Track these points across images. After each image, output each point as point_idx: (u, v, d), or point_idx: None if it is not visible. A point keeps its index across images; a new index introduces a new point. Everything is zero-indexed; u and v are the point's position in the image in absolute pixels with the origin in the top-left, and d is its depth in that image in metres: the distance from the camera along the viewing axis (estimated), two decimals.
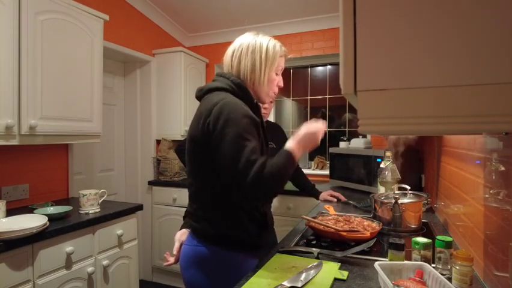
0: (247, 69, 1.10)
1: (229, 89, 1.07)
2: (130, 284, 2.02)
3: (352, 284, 0.91)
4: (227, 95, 1.04)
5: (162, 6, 2.99)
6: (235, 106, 0.99)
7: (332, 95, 3.20)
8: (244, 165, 0.91)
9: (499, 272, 0.81)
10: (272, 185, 0.94)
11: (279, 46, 1.15)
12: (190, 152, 1.09)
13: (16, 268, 1.38)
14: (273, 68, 1.13)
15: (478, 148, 1.01)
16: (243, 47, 1.11)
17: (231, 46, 1.16)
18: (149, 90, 3.04)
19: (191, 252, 1.08)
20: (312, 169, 3.10)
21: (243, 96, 1.08)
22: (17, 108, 1.62)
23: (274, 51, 1.12)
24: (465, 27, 0.48)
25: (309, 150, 1.11)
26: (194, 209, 1.11)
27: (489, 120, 0.48)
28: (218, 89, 1.08)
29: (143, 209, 2.18)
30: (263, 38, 1.13)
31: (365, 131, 0.55)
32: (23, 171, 1.97)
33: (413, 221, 1.40)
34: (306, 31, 3.08)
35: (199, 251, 1.06)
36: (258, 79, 1.11)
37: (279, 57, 1.14)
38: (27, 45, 1.65)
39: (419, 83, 0.50)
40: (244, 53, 1.10)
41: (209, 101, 1.04)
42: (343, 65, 0.56)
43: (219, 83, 1.10)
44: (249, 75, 1.10)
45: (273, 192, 1.00)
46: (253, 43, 1.11)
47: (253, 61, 1.10)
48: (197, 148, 1.04)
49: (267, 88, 1.14)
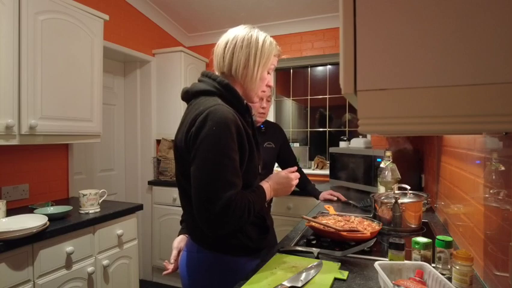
0: (240, 64, 1.03)
1: (217, 92, 1.00)
2: (130, 284, 2.02)
3: (352, 284, 0.91)
4: (215, 100, 0.97)
5: (162, 6, 2.99)
6: (220, 118, 0.90)
7: (332, 95, 3.20)
8: (213, 197, 0.86)
9: (499, 271, 0.81)
10: (236, 221, 0.90)
11: (275, 44, 1.10)
12: (175, 159, 1.03)
13: (16, 268, 1.38)
14: (267, 66, 1.07)
15: (478, 148, 1.01)
16: (238, 39, 1.04)
17: (223, 36, 1.08)
18: (149, 90, 3.04)
19: (191, 259, 1.05)
20: (312, 169, 3.10)
21: (232, 98, 1.02)
22: (17, 108, 1.62)
23: (270, 48, 1.07)
24: (465, 27, 0.48)
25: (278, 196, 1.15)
26: (190, 216, 1.05)
27: (489, 120, 0.48)
28: (205, 93, 1.01)
29: (143, 209, 2.18)
30: (259, 33, 1.07)
31: (365, 131, 0.55)
32: (23, 171, 1.97)
33: (413, 221, 1.40)
34: (306, 31, 3.08)
35: (200, 258, 1.02)
36: (250, 75, 1.04)
37: (273, 56, 1.09)
38: (27, 45, 1.65)
39: (419, 82, 0.50)
40: (239, 46, 1.03)
41: (195, 108, 0.97)
42: (343, 65, 0.56)
43: (206, 85, 1.03)
44: (241, 71, 1.04)
45: (235, 226, 0.93)
46: (249, 37, 1.04)
47: (247, 56, 1.03)
48: (180, 157, 0.99)
49: (257, 86, 1.08)
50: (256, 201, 0.98)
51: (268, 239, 1.13)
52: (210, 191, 0.87)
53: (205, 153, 0.89)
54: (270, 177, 1.11)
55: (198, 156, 0.89)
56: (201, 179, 0.89)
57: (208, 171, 0.88)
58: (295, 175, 1.14)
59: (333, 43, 2.99)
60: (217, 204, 0.86)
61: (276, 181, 1.10)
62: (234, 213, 0.88)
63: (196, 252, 1.03)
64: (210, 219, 0.88)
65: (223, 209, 0.86)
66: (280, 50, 1.12)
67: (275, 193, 1.10)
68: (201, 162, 0.89)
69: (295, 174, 1.14)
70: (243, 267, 1.02)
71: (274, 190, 1.09)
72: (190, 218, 1.05)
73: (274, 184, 1.09)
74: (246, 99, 1.09)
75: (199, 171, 0.89)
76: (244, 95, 1.08)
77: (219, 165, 0.88)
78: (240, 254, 1.03)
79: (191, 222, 1.05)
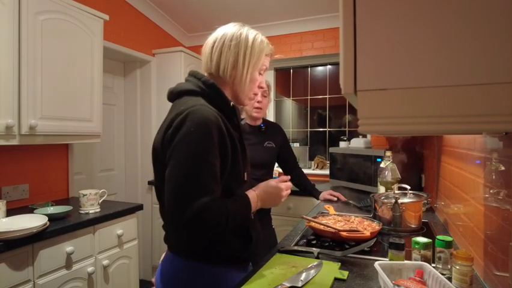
0: (228, 65, 0.96)
1: (200, 91, 0.94)
2: (130, 284, 2.02)
3: (352, 284, 0.91)
4: (198, 100, 0.90)
5: (162, 6, 2.99)
6: (200, 119, 0.83)
7: (332, 95, 3.20)
8: (184, 202, 0.79)
9: (499, 271, 0.81)
10: (208, 230, 0.83)
11: (266, 43, 1.02)
12: (153, 163, 0.95)
13: (16, 268, 1.38)
14: (257, 67, 1.00)
15: (478, 148, 1.01)
16: (226, 38, 0.97)
17: (212, 35, 1.01)
18: (149, 90, 3.04)
19: (165, 270, 0.96)
20: (312, 169, 3.10)
21: (217, 99, 0.94)
22: (17, 108, 1.62)
23: (261, 47, 0.99)
24: (465, 27, 0.48)
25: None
26: (165, 225, 0.98)
27: (489, 120, 0.48)
28: (189, 93, 0.95)
29: (143, 209, 2.18)
30: (250, 31, 0.99)
31: (365, 131, 0.55)
32: (23, 171, 1.97)
33: (413, 221, 1.40)
34: (306, 31, 3.08)
35: (175, 267, 0.94)
36: (239, 77, 0.97)
37: (264, 56, 1.01)
38: (27, 45, 1.65)
39: (420, 82, 0.50)
40: (227, 45, 0.96)
41: (176, 108, 0.91)
42: (343, 65, 0.56)
43: (190, 84, 0.97)
44: (229, 72, 0.97)
45: (209, 236, 0.86)
46: (238, 35, 0.97)
47: (235, 56, 0.96)
48: (156, 160, 0.92)
49: (247, 88, 1.00)
50: (237, 211, 0.89)
51: (255, 248, 1.02)
52: (182, 196, 0.80)
53: (180, 154, 0.82)
54: (258, 186, 1.01)
55: (173, 158, 0.83)
56: (173, 182, 0.81)
57: (181, 174, 0.81)
58: (287, 185, 1.04)
59: (333, 43, 2.99)
60: (188, 210, 0.78)
61: (265, 190, 1.00)
62: (206, 222, 0.81)
63: (171, 261, 0.95)
64: (179, 226, 0.81)
65: (195, 217, 0.79)
66: (272, 49, 1.05)
67: (263, 203, 1.00)
68: (175, 164, 0.82)
69: (286, 184, 1.04)
70: (223, 278, 0.93)
71: (261, 200, 0.99)
72: (171, 226, 0.97)
73: (262, 193, 0.99)
74: (237, 101, 1.03)
75: (172, 174, 0.82)
76: (234, 97, 1.02)
77: (194, 168, 0.81)
78: (220, 263, 0.94)
79: (168, 231, 0.99)
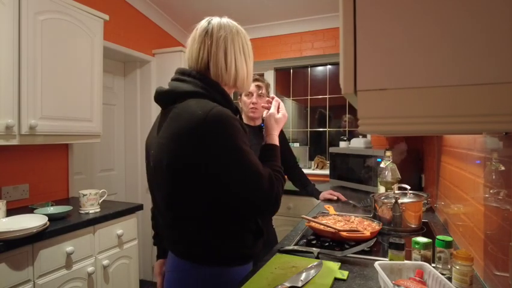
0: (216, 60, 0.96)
1: (206, 93, 0.91)
2: (130, 284, 2.02)
3: (352, 284, 0.91)
4: (208, 103, 0.87)
5: (162, 6, 2.99)
6: (226, 118, 0.85)
7: (332, 95, 3.20)
8: (257, 178, 0.87)
9: (499, 271, 0.81)
10: (281, 186, 0.95)
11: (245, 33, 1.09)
12: (164, 180, 0.90)
13: (16, 268, 1.38)
14: (247, 55, 1.04)
15: (478, 148, 1.01)
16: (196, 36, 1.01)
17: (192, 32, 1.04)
18: (149, 90, 3.04)
19: (182, 279, 0.94)
20: (312, 169, 3.10)
21: (225, 102, 0.93)
22: (17, 108, 1.62)
23: (243, 34, 1.09)
24: (465, 27, 0.48)
25: None
26: (175, 235, 0.95)
27: (489, 120, 0.48)
28: (190, 95, 0.91)
29: (143, 208, 2.18)
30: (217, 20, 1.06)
31: (365, 130, 0.55)
32: (23, 171, 1.97)
33: (413, 221, 1.40)
34: (306, 31, 3.08)
35: (194, 275, 0.92)
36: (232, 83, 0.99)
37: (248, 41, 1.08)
38: (27, 45, 1.65)
39: (420, 82, 0.50)
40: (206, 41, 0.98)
41: (188, 113, 0.86)
42: (343, 65, 0.56)
43: (191, 85, 0.92)
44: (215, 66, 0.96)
45: (282, 192, 0.98)
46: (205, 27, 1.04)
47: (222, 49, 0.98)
48: (179, 175, 0.86)
49: (233, 78, 0.99)
50: (275, 160, 1.00)
51: (267, 240, 1.11)
52: (254, 175, 0.86)
53: (231, 155, 0.84)
54: (269, 127, 1.07)
55: (224, 163, 0.84)
56: (241, 171, 0.85)
57: (241, 163, 0.85)
58: (274, 105, 1.11)
59: (333, 43, 2.99)
60: (264, 181, 0.87)
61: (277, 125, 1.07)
62: (277, 181, 0.92)
63: (188, 269, 0.93)
64: (265, 198, 0.87)
65: (270, 182, 0.88)
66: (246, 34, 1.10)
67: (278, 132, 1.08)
68: (233, 163, 0.84)
69: (272, 105, 1.11)
70: (237, 276, 0.96)
71: (276, 133, 1.07)
72: (169, 231, 0.97)
73: (277, 129, 1.07)
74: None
75: (236, 167, 0.85)
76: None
77: (246, 155, 0.86)
78: (235, 263, 0.96)
79: (177, 236, 0.95)
